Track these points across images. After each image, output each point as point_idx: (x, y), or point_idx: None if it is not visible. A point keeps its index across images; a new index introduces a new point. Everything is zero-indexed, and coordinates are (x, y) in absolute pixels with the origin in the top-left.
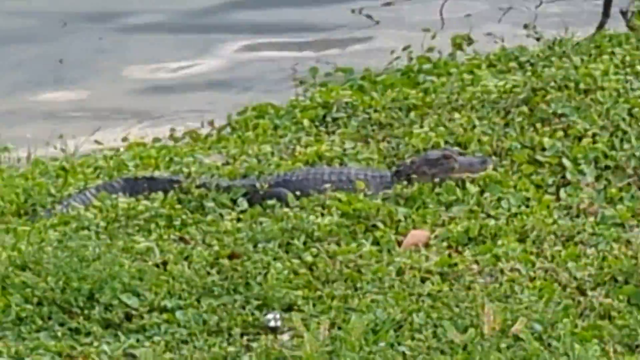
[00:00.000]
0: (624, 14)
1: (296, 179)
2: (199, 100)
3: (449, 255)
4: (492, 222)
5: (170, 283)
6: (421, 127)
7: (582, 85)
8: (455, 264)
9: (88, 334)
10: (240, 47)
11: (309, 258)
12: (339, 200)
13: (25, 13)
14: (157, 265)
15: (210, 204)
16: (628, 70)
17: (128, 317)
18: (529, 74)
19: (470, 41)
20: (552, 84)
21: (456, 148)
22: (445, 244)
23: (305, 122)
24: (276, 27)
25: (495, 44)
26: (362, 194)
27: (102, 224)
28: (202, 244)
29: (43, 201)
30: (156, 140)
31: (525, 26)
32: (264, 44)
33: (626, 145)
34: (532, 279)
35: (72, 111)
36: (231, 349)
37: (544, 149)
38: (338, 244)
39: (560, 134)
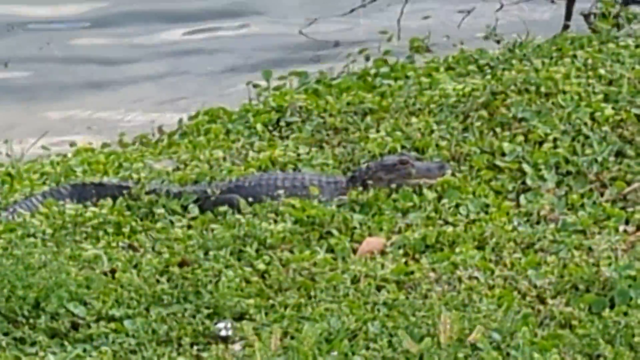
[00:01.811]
0: (586, 16)
1: (249, 184)
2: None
3: (406, 263)
4: (450, 229)
5: (118, 291)
6: (377, 131)
7: (543, 89)
8: (412, 272)
9: (33, 343)
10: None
11: (261, 266)
12: (293, 206)
13: None
14: (105, 274)
15: (160, 211)
16: (590, 73)
17: (75, 327)
18: (488, 77)
19: (428, 45)
20: (512, 87)
21: (413, 153)
22: (401, 251)
23: (259, 127)
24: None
25: (454, 47)
26: (316, 200)
27: (49, 231)
28: (152, 251)
29: None
30: (105, 145)
31: (486, 32)
32: None
33: (588, 150)
34: (491, 287)
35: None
36: (181, 359)
37: (503, 154)
38: (291, 252)
39: (520, 138)
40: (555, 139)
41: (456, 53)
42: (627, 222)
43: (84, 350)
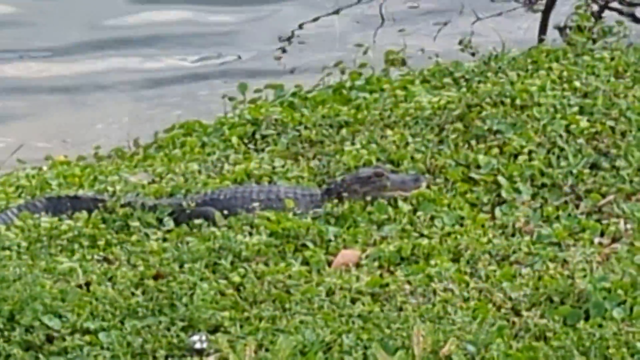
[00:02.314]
0: (561, 29)
1: (224, 197)
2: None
3: (381, 276)
4: (425, 241)
5: (93, 304)
6: (352, 144)
7: (518, 101)
8: (387, 284)
9: (8, 356)
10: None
11: (236, 278)
12: (268, 219)
13: None
14: (80, 286)
15: (135, 224)
16: (565, 86)
17: (49, 339)
18: (463, 89)
19: (403, 57)
20: (488, 100)
21: (388, 166)
22: (376, 263)
23: (234, 140)
24: None
25: (429, 59)
26: (291, 212)
27: (24, 244)
28: (127, 264)
29: None
30: (80, 158)
31: (461, 42)
32: None
33: (563, 163)
34: (465, 299)
35: None
36: None
37: (478, 167)
38: (266, 264)
39: (495, 151)
40: (530, 152)
41: (431, 66)
42: (602, 235)
43: None
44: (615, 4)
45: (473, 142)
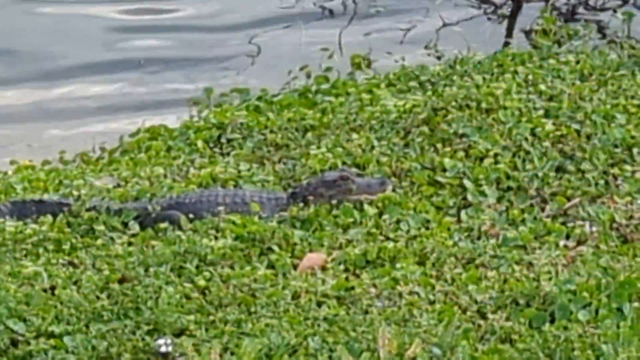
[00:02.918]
0: (527, 32)
1: (189, 201)
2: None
3: (346, 279)
4: (390, 244)
5: (58, 308)
6: (318, 148)
7: (483, 105)
8: (353, 288)
9: None
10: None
11: (201, 282)
12: (233, 222)
13: None
14: (45, 290)
15: (100, 227)
16: (531, 89)
17: (14, 343)
18: (429, 93)
19: (369, 61)
20: (453, 103)
21: (354, 169)
22: (342, 267)
23: (199, 144)
24: None
25: (395, 63)
26: (257, 216)
27: None
28: (92, 268)
29: None
30: (46, 162)
31: (426, 46)
32: None
33: (528, 166)
34: (431, 302)
35: None
36: None
37: (444, 170)
38: (232, 268)
39: (461, 154)
40: (496, 155)
41: (397, 69)
42: (567, 237)
43: None
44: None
45: (439, 146)
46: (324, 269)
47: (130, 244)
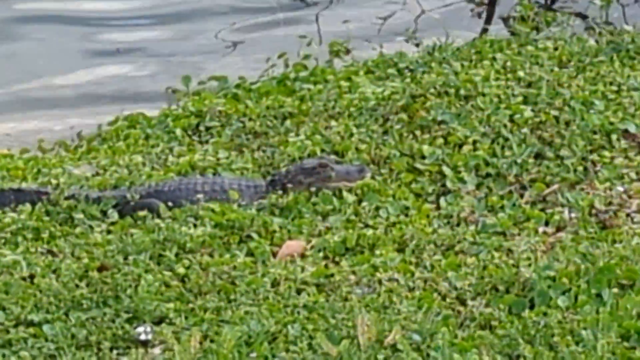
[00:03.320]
0: (505, 19)
1: (168, 189)
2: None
3: (326, 266)
4: (370, 231)
5: (37, 296)
6: (297, 135)
7: (462, 92)
8: (332, 275)
9: None
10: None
11: (181, 270)
12: (212, 210)
13: None
14: (24, 279)
15: (79, 216)
16: (509, 75)
17: None
18: (408, 80)
19: (347, 48)
20: (432, 90)
21: (333, 156)
22: (321, 254)
23: (178, 132)
24: None
25: (373, 50)
26: (236, 204)
27: None
28: (71, 256)
29: None
30: (24, 151)
31: (406, 35)
32: None
33: (507, 152)
34: (411, 289)
35: None
36: None
37: (423, 157)
38: (211, 255)
39: (440, 141)
40: (474, 142)
41: (376, 57)
42: (546, 224)
43: (3, 356)
44: None
45: (417, 133)
46: (303, 256)
47: (109, 232)
